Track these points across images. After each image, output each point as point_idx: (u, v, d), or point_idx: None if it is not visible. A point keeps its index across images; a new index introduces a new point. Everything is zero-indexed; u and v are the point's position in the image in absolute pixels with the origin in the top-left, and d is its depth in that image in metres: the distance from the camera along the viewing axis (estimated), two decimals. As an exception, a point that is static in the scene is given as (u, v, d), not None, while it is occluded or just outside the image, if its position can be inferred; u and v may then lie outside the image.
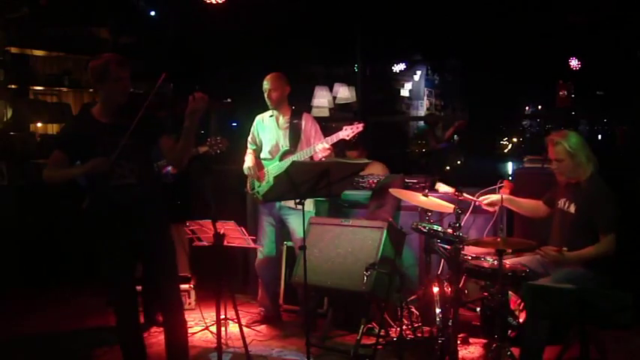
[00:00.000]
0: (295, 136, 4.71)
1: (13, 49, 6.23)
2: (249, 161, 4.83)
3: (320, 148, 4.55)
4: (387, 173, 5.47)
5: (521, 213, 4.34)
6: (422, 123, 11.23)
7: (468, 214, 4.53)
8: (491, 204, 4.21)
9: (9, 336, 4.75)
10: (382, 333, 4.21)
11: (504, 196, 4.15)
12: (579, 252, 3.69)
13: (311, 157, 4.61)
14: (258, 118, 4.91)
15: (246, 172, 4.84)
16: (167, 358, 3.57)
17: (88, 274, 5.87)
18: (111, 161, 3.23)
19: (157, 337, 4.51)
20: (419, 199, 4.39)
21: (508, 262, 3.88)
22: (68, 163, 3.36)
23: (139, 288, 4.47)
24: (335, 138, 4.55)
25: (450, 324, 3.86)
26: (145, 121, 3.25)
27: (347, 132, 4.53)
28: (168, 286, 3.50)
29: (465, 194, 4.30)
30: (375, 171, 5.48)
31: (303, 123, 4.75)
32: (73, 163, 3.37)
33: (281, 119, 4.79)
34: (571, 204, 3.86)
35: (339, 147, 5.42)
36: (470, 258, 4.01)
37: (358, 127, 4.52)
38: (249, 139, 4.93)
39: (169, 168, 4.71)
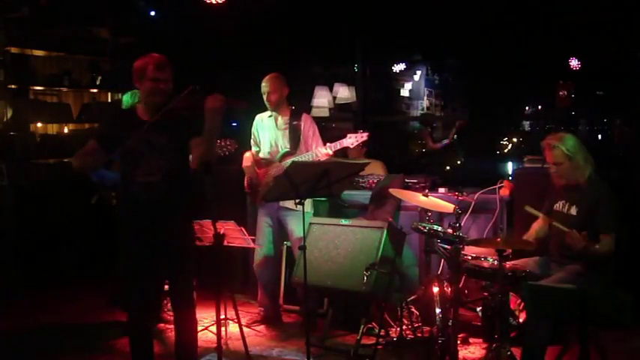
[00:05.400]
0: (294, 137, 4.70)
1: (13, 49, 6.22)
2: (247, 160, 4.83)
3: (322, 153, 4.54)
4: (386, 173, 5.46)
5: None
6: (417, 123, 11.20)
7: (468, 214, 4.54)
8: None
9: (9, 335, 4.75)
10: (382, 333, 4.22)
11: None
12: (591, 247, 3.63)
13: None
14: (258, 117, 4.91)
15: (245, 171, 4.85)
16: (175, 355, 3.60)
17: (88, 273, 5.90)
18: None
19: (155, 337, 4.50)
20: (419, 199, 4.39)
21: (507, 263, 3.88)
22: (103, 155, 3.42)
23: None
24: (338, 145, 4.55)
25: (450, 324, 3.87)
26: (175, 120, 3.33)
27: (351, 140, 4.53)
28: (184, 285, 3.56)
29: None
30: (375, 170, 5.47)
31: (302, 124, 4.74)
32: (108, 155, 3.45)
33: (280, 120, 4.78)
34: (571, 206, 3.85)
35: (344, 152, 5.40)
36: (470, 258, 4.01)
37: (362, 136, 4.52)
38: (252, 140, 4.93)
39: None
